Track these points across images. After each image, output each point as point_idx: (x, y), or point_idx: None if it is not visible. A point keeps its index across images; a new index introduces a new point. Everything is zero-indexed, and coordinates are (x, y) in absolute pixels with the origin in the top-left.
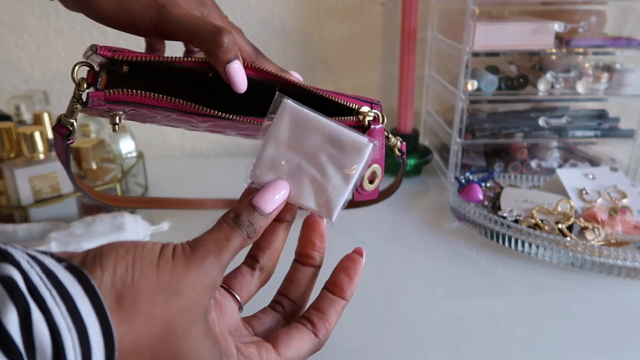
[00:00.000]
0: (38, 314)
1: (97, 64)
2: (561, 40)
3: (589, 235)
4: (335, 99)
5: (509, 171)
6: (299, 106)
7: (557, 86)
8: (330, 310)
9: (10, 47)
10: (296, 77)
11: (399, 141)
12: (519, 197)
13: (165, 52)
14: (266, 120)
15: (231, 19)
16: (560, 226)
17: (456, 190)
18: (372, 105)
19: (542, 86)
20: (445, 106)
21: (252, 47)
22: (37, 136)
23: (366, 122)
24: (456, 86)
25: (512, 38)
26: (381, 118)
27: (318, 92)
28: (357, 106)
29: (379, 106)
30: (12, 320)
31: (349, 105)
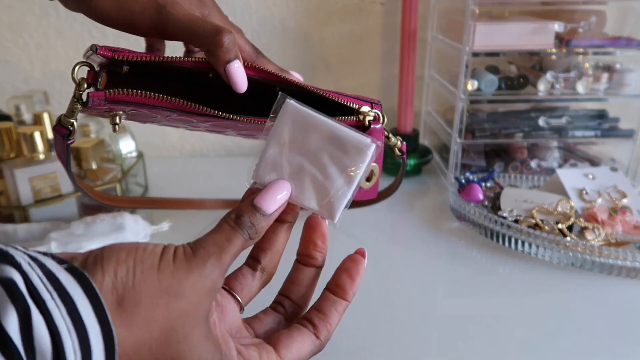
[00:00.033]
0: (38, 316)
1: (97, 64)
2: (561, 40)
3: (589, 235)
4: (335, 99)
5: (509, 171)
6: (302, 106)
7: (557, 86)
8: (331, 311)
9: (10, 47)
10: (296, 77)
11: (399, 141)
12: (519, 197)
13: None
14: (269, 120)
15: (231, 19)
16: (560, 226)
17: (456, 190)
18: (373, 105)
19: (542, 86)
20: (445, 106)
21: (252, 47)
22: (37, 136)
23: (366, 122)
24: (456, 86)
25: (512, 38)
26: (381, 118)
27: (318, 92)
28: (358, 106)
29: (379, 106)
30: (12, 322)
31: (349, 105)
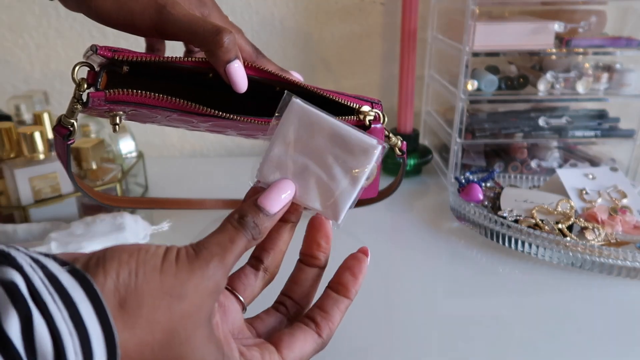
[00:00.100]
0: (40, 319)
1: (98, 64)
2: (561, 40)
3: (589, 235)
4: (335, 99)
5: (509, 171)
6: (308, 106)
7: (557, 86)
8: (334, 309)
9: (10, 47)
10: (296, 77)
11: (400, 140)
12: (519, 197)
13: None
14: (274, 119)
15: (231, 19)
16: (560, 226)
17: (456, 190)
18: (373, 104)
19: (542, 86)
20: (445, 106)
21: (253, 47)
22: (37, 136)
23: (367, 122)
24: (456, 86)
25: (512, 38)
26: (382, 117)
27: (318, 92)
28: (358, 105)
29: (380, 106)
30: (14, 325)
31: (350, 104)
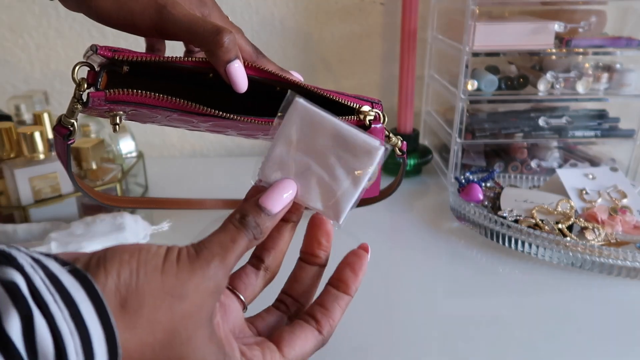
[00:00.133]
0: (41, 319)
1: (98, 64)
2: (561, 40)
3: (589, 235)
4: (336, 99)
5: (509, 171)
6: (311, 105)
7: (557, 86)
8: (334, 306)
9: (10, 47)
10: (296, 77)
11: (400, 140)
12: (519, 197)
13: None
14: (277, 118)
15: (231, 19)
16: (560, 226)
17: (456, 190)
18: (373, 104)
19: (542, 86)
20: (445, 106)
21: (253, 47)
22: (37, 136)
23: (367, 122)
24: (456, 86)
25: (512, 38)
26: (382, 117)
27: (319, 92)
28: (358, 105)
29: (380, 105)
30: (14, 325)
31: (350, 104)
